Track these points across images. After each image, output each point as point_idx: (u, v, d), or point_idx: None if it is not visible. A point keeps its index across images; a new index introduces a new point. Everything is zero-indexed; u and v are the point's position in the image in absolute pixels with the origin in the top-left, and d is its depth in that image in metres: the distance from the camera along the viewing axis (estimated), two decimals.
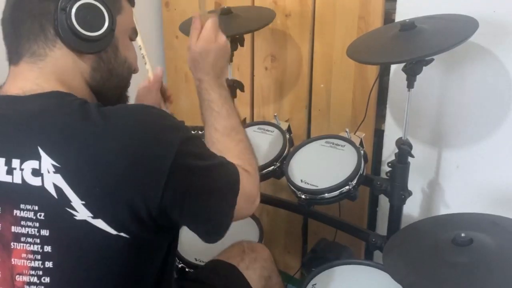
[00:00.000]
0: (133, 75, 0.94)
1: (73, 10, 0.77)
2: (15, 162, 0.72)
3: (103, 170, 0.70)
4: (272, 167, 1.44)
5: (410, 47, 1.18)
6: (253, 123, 1.64)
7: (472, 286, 0.93)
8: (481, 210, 1.15)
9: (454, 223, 1.13)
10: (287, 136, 1.51)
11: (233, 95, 1.69)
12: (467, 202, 1.49)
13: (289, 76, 1.85)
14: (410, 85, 1.23)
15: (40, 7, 0.78)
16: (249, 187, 0.92)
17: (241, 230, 1.51)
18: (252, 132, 1.60)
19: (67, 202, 0.70)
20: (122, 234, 0.73)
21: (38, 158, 0.71)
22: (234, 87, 1.66)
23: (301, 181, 1.35)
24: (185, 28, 1.62)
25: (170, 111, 1.23)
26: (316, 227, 1.94)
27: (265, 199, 1.82)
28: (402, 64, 1.22)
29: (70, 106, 0.75)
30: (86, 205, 0.70)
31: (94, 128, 0.72)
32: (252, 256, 1.18)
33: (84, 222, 0.71)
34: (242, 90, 1.67)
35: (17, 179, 0.72)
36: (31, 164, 0.71)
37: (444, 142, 1.50)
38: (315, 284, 1.24)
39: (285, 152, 1.47)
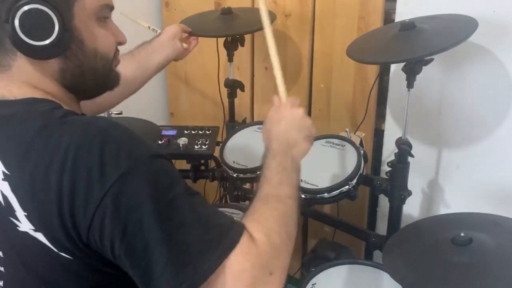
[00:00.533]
0: None
1: (16, 22, 0.71)
2: None
3: (42, 186, 0.66)
4: None
5: (410, 47, 1.18)
6: (253, 123, 1.64)
7: (472, 285, 0.93)
8: (481, 210, 1.15)
9: (454, 223, 1.13)
10: None
11: (233, 95, 1.69)
12: (467, 202, 1.49)
13: (289, 76, 1.85)
14: (410, 85, 1.23)
15: None
16: (243, 264, 0.67)
17: None
18: (252, 132, 1.60)
19: (12, 212, 0.68)
20: (63, 254, 0.68)
21: None
22: (234, 87, 1.67)
23: (301, 181, 1.35)
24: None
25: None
26: (316, 227, 1.94)
27: None
28: (402, 64, 1.22)
29: (33, 114, 0.72)
30: (27, 217, 0.68)
31: (46, 142, 0.68)
32: None
33: (27, 234, 0.68)
34: (242, 90, 1.67)
35: None
36: None
37: (444, 142, 1.51)
38: (315, 284, 1.23)
39: None
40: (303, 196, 1.33)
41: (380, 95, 1.66)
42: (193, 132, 1.78)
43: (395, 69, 1.55)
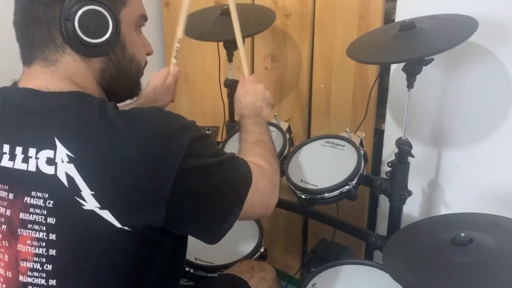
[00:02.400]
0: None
1: (76, 19, 0.78)
2: (32, 151, 0.75)
3: (115, 164, 0.72)
4: None
5: (410, 47, 1.18)
6: None
7: (472, 286, 0.93)
8: (481, 210, 1.15)
9: (454, 223, 1.13)
10: (287, 136, 1.51)
11: (233, 95, 1.69)
12: (467, 202, 1.49)
13: (289, 76, 1.85)
14: (410, 85, 1.23)
15: (46, 15, 0.79)
16: (262, 182, 0.96)
17: (242, 230, 1.51)
18: None
19: (77, 192, 0.72)
20: (125, 228, 0.74)
21: (54, 148, 0.74)
22: (234, 87, 1.66)
23: (301, 181, 1.35)
24: (185, 27, 1.62)
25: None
26: (316, 227, 1.94)
27: None
28: (402, 64, 1.22)
29: (90, 104, 0.78)
30: (95, 196, 0.72)
31: (110, 125, 0.74)
32: (261, 275, 1.20)
33: (91, 212, 0.72)
34: None
35: (32, 167, 0.75)
36: (47, 153, 0.74)
37: (444, 142, 1.50)
38: (315, 284, 1.23)
39: (285, 152, 1.47)
40: (303, 196, 1.33)
41: (380, 95, 1.66)
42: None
43: (395, 69, 1.55)
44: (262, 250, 1.42)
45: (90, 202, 0.73)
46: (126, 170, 0.73)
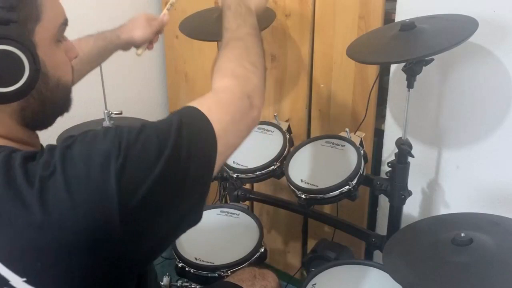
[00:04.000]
0: None
1: None
2: None
3: (39, 244, 0.61)
4: (272, 167, 1.44)
5: (410, 47, 1.18)
6: None
7: (472, 286, 0.93)
8: (481, 210, 1.15)
9: (454, 223, 1.13)
10: (287, 136, 1.51)
11: None
12: (467, 202, 1.49)
13: (289, 76, 1.85)
14: (410, 85, 1.23)
15: None
16: (231, 115, 0.81)
17: (242, 230, 1.51)
18: (252, 132, 1.59)
19: (5, 283, 0.63)
20: None
21: None
22: None
23: (301, 181, 1.35)
24: (185, 27, 1.63)
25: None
26: (316, 227, 1.94)
27: (265, 199, 1.82)
28: (402, 64, 1.22)
29: None
30: (28, 282, 0.62)
31: (19, 198, 0.61)
32: (263, 284, 1.17)
33: None
34: None
35: None
36: None
37: (444, 142, 1.50)
38: (315, 284, 1.23)
39: (285, 152, 1.47)
40: (303, 196, 1.33)
41: (380, 95, 1.66)
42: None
43: (395, 69, 1.55)
44: (262, 250, 1.42)
45: None
46: (56, 246, 0.61)
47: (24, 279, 0.62)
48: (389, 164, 1.33)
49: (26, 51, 0.64)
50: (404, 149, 1.28)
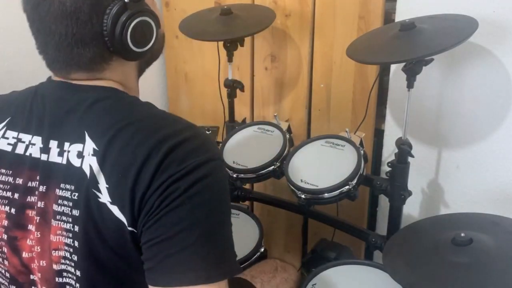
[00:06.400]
0: None
1: (128, 33, 0.78)
2: (66, 145, 0.77)
3: (127, 161, 0.72)
4: (272, 167, 1.44)
5: (410, 47, 1.18)
6: (253, 123, 1.64)
7: (472, 286, 0.93)
8: (481, 210, 1.15)
9: (454, 223, 1.13)
10: (287, 136, 1.51)
11: (233, 95, 1.69)
12: (467, 202, 1.49)
13: (289, 76, 1.85)
14: (410, 85, 1.23)
15: (91, 36, 0.77)
16: None
17: (242, 230, 1.52)
18: (252, 132, 1.60)
19: (95, 184, 0.73)
20: (133, 229, 0.73)
21: (83, 142, 0.76)
22: (234, 87, 1.67)
23: (301, 181, 1.35)
24: (185, 27, 1.63)
25: None
26: (316, 227, 1.94)
27: (265, 199, 1.82)
28: (402, 64, 1.22)
29: (123, 103, 0.80)
30: (108, 189, 0.73)
31: (137, 127, 0.75)
32: (284, 276, 1.19)
33: (105, 206, 0.72)
34: (242, 90, 1.67)
35: (64, 160, 0.77)
36: (77, 147, 0.76)
37: (444, 142, 1.51)
38: (315, 284, 1.24)
39: (285, 152, 1.47)
40: (303, 196, 1.33)
41: (380, 95, 1.66)
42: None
43: (395, 69, 1.55)
44: (262, 250, 1.42)
45: (104, 195, 0.73)
46: (133, 169, 0.72)
47: (107, 186, 0.73)
48: (389, 164, 1.33)
49: (154, 18, 0.82)
50: (404, 149, 1.28)
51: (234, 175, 1.48)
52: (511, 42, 1.30)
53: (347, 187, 1.29)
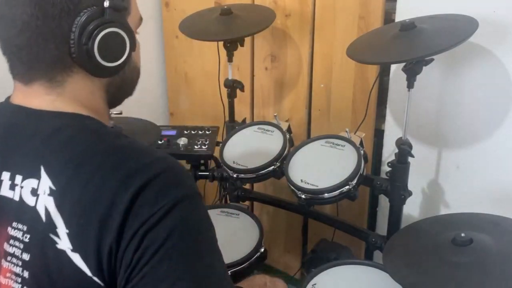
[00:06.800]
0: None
1: (96, 43, 0.71)
2: (18, 178, 0.70)
3: (92, 202, 0.65)
4: (272, 167, 1.44)
5: (410, 47, 1.18)
6: (253, 123, 1.64)
7: (472, 286, 0.93)
8: (481, 210, 1.15)
9: (454, 223, 1.13)
10: (287, 136, 1.51)
11: (233, 95, 1.69)
12: (467, 202, 1.49)
13: (289, 76, 1.85)
14: (410, 85, 1.23)
15: (54, 31, 0.70)
16: None
17: (242, 230, 1.52)
18: (252, 132, 1.60)
19: (53, 228, 0.66)
20: (96, 279, 0.65)
21: (38, 177, 0.68)
22: (234, 87, 1.67)
23: (301, 181, 1.35)
24: (185, 27, 1.63)
25: None
26: (316, 227, 1.94)
27: (265, 199, 1.82)
28: (402, 64, 1.22)
29: (85, 132, 0.72)
30: (68, 235, 0.65)
31: (101, 161, 0.67)
32: None
33: (63, 253, 0.65)
34: (242, 90, 1.67)
35: (16, 196, 0.70)
36: (31, 183, 0.69)
37: (444, 142, 1.50)
38: (315, 284, 1.23)
39: (285, 152, 1.47)
40: (303, 196, 1.33)
41: (380, 95, 1.66)
42: (193, 132, 1.78)
43: (395, 69, 1.55)
44: (262, 250, 1.42)
45: (63, 241, 0.65)
46: (99, 213, 0.64)
47: (67, 231, 0.65)
48: (389, 164, 1.33)
49: (130, 35, 0.76)
50: (404, 149, 1.28)
51: (234, 175, 1.48)
52: (511, 42, 1.30)
53: (347, 187, 1.29)
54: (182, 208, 0.66)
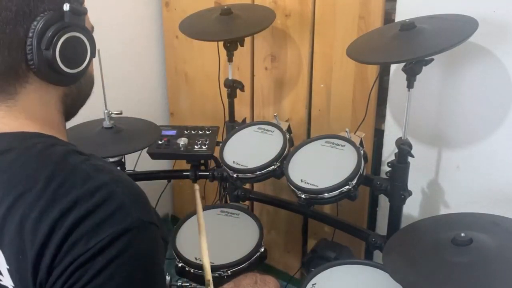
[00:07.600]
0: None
1: (58, 48, 0.67)
2: None
3: (26, 239, 0.60)
4: (272, 167, 1.44)
5: (410, 47, 1.18)
6: (253, 123, 1.64)
7: (472, 286, 0.93)
8: (481, 210, 1.15)
9: (454, 223, 1.13)
10: (287, 136, 1.51)
11: (233, 95, 1.69)
12: (467, 202, 1.49)
13: (289, 76, 1.85)
14: (410, 85, 1.23)
15: (8, 40, 0.65)
16: None
17: (242, 230, 1.52)
18: (252, 132, 1.60)
19: None
20: None
21: None
22: (234, 87, 1.67)
23: (301, 181, 1.35)
24: (185, 27, 1.63)
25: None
26: (316, 227, 1.94)
27: (265, 199, 1.82)
28: (402, 64, 1.22)
29: (26, 154, 0.65)
30: (10, 271, 0.61)
31: (35, 187, 0.61)
32: None
33: None
34: (242, 90, 1.67)
35: None
36: None
37: (444, 142, 1.50)
38: (315, 284, 1.23)
39: (285, 152, 1.47)
40: (303, 196, 1.33)
41: (380, 95, 1.66)
42: (193, 132, 1.78)
43: (395, 69, 1.55)
44: (262, 250, 1.43)
45: (6, 278, 0.61)
46: (34, 246, 0.59)
47: (8, 267, 0.61)
48: (389, 164, 1.33)
49: (91, 40, 0.73)
50: (404, 149, 1.28)
51: (234, 175, 1.48)
52: (511, 42, 1.30)
53: (347, 187, 1.29)
54: (123, 242, 0.59)
